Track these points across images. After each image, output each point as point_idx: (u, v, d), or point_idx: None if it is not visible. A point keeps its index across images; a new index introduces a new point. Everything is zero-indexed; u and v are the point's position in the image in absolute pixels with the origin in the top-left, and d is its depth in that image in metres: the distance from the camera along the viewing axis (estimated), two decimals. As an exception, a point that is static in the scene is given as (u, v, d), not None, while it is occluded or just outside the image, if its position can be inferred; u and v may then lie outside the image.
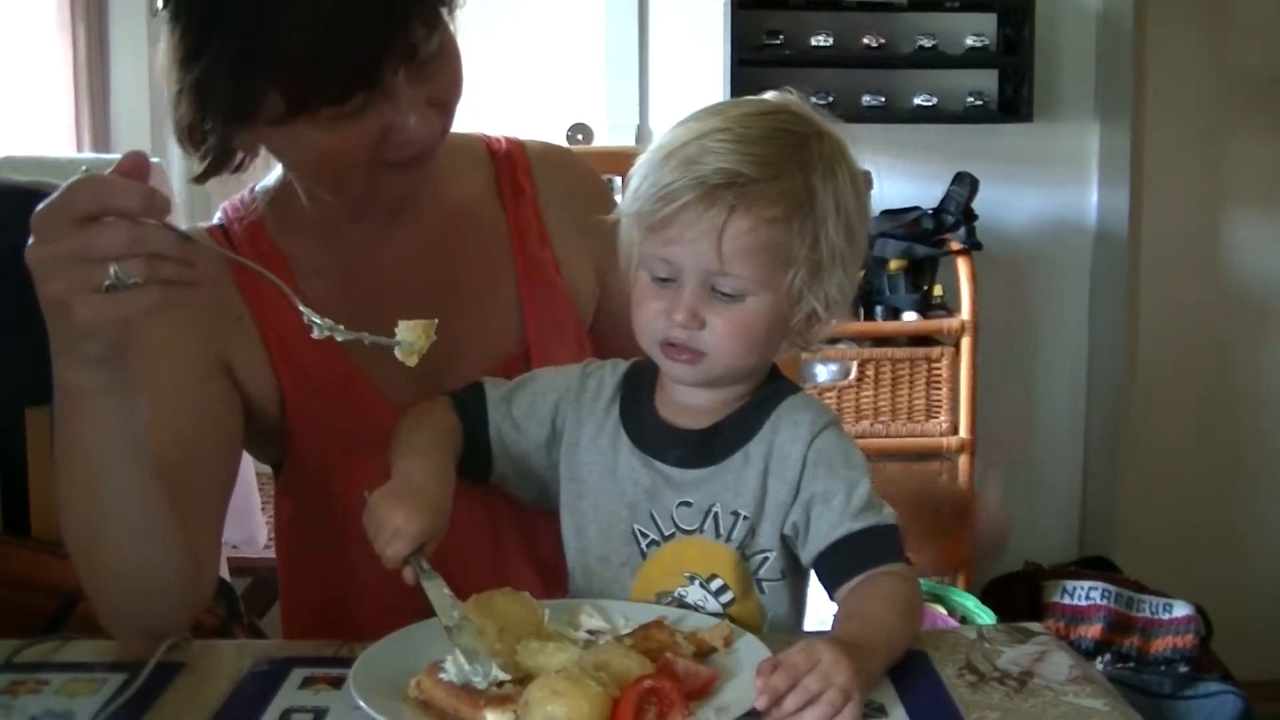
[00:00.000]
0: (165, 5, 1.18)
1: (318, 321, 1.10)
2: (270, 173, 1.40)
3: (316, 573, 1.45)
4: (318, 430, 1.37)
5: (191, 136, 1.21)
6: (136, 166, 1.02)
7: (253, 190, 1.42)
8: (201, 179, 1.25)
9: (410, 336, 1.14)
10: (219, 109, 1.18)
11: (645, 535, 1.24)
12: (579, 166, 1.55)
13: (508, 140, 1.52)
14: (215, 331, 1.33)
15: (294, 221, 1.38)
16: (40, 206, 1.00)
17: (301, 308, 1.10)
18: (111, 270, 0.99)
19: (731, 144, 1.15)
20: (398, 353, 1.14)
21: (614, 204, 1.28)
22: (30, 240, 1.01)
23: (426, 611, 1.11)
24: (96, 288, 0.99)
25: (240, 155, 1.25)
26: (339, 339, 1.11)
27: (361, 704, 1.01)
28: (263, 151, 1.28)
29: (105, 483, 1.15)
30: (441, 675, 1.05)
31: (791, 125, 1.19)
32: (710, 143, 1.15)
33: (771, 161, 1.15)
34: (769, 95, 1.25)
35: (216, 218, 1.42)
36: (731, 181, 1.14)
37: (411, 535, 1.12)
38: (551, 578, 1.36)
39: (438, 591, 1.11)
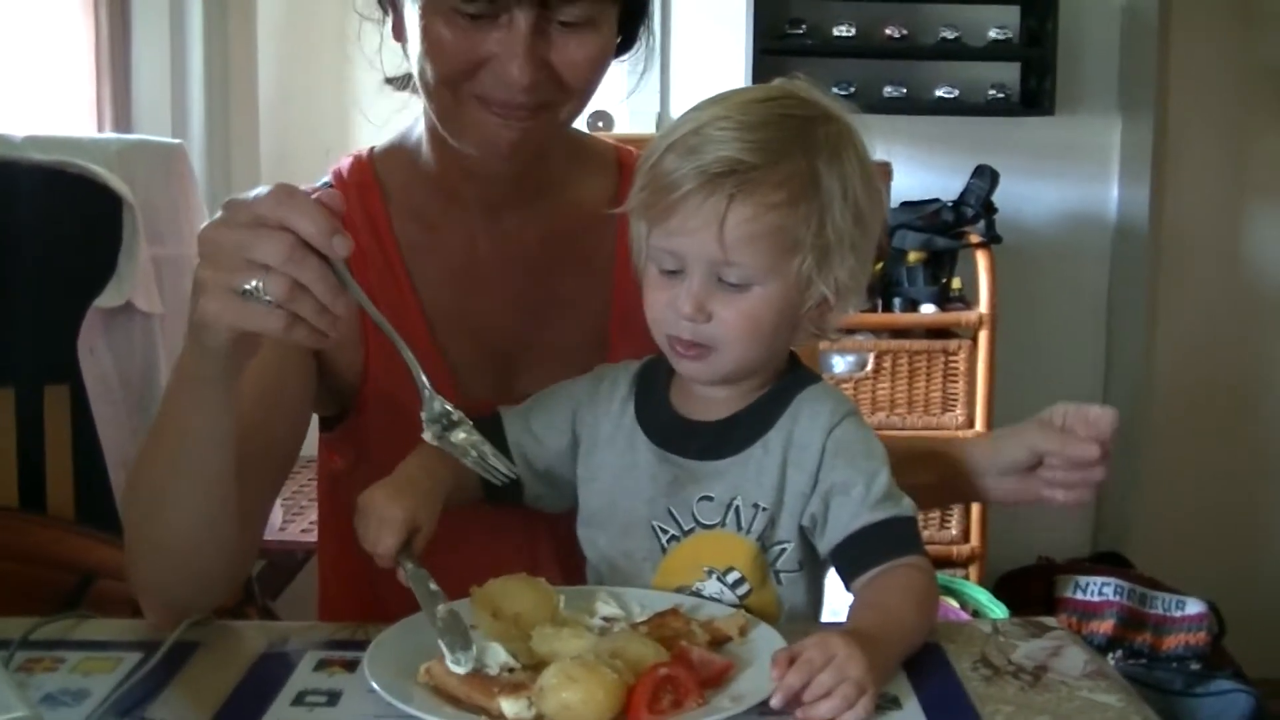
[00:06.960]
0: None
1: (439, 408, 1.11)
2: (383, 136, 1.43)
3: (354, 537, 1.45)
4: (390, 406, 1.36)
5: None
6: (331, 202, 1.02)
7: (371, 151, 1.43)
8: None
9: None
10: None
11: (665, 531, 1.23)
12: None
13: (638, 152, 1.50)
14: None
15: (407, 188, 1.39)
16: (244, 195, 1.01)
17: (423, 379, 1.11)
18: (255, 282, 0.99)
19: (732, 131, 1.14)
20: None
21: None
22: (216, 216, 1.02)
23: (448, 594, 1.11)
24: (232, 288, 1.00)
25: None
26: (454, 440, 1.11)
27: (376, 687, 1.02)
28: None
29: (185, 461, 1.15)
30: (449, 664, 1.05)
31: (794, 109, 1.18)
32: (711, 131, 1.15)
33: (773, 147, 1.14)
34: (776, 82, 1.24)
35: (324, 179, 1.42)
36: (732, 169, 1.13)
37: (398, 522, 1.12)
38: (582, 578, 1.35)
39: (423, 586, 1.11)
